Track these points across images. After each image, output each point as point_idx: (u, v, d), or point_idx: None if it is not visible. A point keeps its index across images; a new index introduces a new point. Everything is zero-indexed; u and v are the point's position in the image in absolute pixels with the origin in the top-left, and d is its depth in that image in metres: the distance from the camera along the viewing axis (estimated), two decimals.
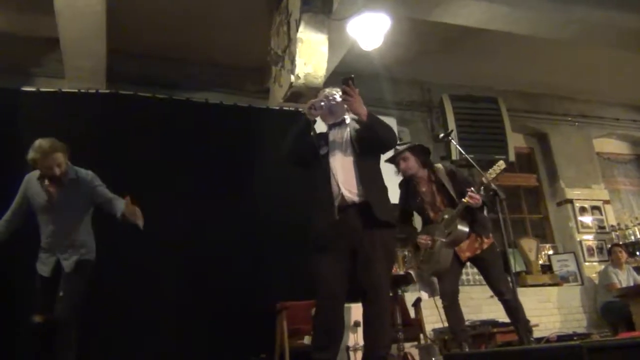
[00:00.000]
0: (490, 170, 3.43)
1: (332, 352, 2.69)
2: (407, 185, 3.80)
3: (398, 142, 3.78)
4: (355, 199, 2.77)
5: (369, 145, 2.87)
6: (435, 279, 3.73)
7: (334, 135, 2.96)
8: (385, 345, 2.78)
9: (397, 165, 3.77)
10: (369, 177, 2.84)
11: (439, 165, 3.83)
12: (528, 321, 3.55)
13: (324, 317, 2.71)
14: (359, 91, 2.80)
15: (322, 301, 2.73)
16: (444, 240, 3.55)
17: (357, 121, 2.90)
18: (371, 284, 2.73)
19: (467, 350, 3.44)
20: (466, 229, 3.48)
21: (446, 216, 3.58)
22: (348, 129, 2.94)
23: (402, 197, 3.85)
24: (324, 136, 2.97)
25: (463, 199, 3.42)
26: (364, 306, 2.80)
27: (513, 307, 3.39)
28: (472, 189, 3.43)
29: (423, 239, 3.65)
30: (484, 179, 3.43)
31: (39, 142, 3.15)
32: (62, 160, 3.19)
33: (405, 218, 3.85)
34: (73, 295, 3.13)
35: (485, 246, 3.58)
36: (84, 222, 3.32)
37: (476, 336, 4.63)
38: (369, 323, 2.76)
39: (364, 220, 2.76)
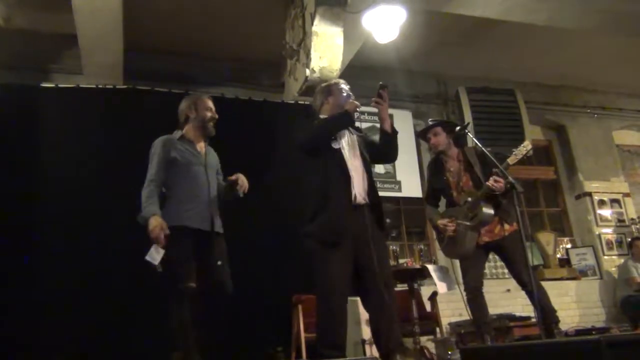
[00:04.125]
0: (516, 151, 3.35)
1: (344, 348, 2.74)
2: (436, 163, 3.78)
3: (430, 120, 3.94)
4: (365, 201, 2.89)
5: (373, 154, 3.07)
6: (452, 274, 3.70)
7: (340, 133, 3.03)
8: (400, 334, 2.84)
9: (427, 140, 3.77)
10: (373, 183, 3.00)
11: (471, 146, 3.77)
12: (554, 310, 3.46)
13: (337, 315, 2.73)
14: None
15: (334, 299, 2.74)
16: (468, 223, 3.49)
17: (380, 129, 3.07)
18: (385, 277, 2.83)
19: (489, 343, 3.41)
20: (492, 212, 3.40)
21: (469, 199, 3.51)
22: (348, 133, 3.05)
23: (430, 175, 3.84)
24: None
25: (487, 182, 3.35)
26: (374, 300, 2.81)
27: (537, 298, 3.36)
28: (495, 170, 3.34)
29: (445, 223, 3.60)
30: (509, 160, 3.35)
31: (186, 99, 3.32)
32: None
33: (433, 198, 3.81)
34: (227, 266, 3.05)
35: (506, 233, 3.47)
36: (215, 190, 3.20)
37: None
38: (384, 315, 2.78)
39: (372, 221, 2.88)
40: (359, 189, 2.87)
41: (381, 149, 3.09)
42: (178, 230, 2.94)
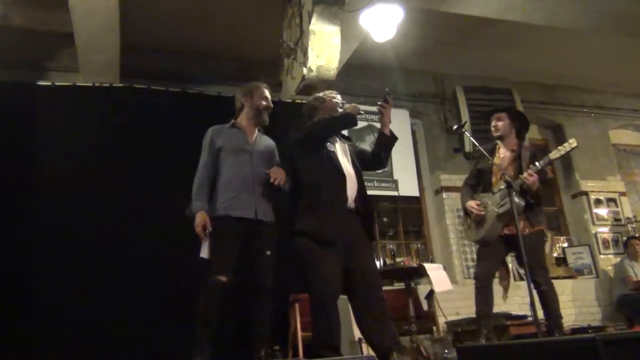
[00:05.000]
0: (560, 147, 3.42)
1: (339, 347, 2.76)
2: (489, 148, 3.83)
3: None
4: (358, 205, 2.96)
5: (363, 162, 3.13)
6: (450, 273, 3.71)
7: (332, 139, 3.10)
8: (395, 332, 2.86)
9: (489, 121, 3.83)
10: (365, 190, 3.06)
11: (528, 144, 3.84)
12: (560, 317, 3.49)
13: (332, 314, 2.74)
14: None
15: (330, 299, 2.76)
16: (496, 210, 3.52)
17: (380, 132, 3.13)
18: (376, 276, 2.94)
19: (485, 335, 3.42)
20: (522, 203, 3.40)
21: (503, 187, 3.52)
22: (340, 140, 3.12)
23: (479, 157, 3.91)
24: None
25: (520, 175, 3.38)
26: (365, 299, 2.84)
27: (547, 299, 3.37)
28: (536, 162, 3.39)
29: (474, 206, 3.63)
30: (550, 154, 3.41)
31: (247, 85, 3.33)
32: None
33: (472, 180, 3.84)
34: (272, 262, 3.04)
35: (527, 231, 3.49)
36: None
37: None
38: (375, 315, 2.81)
39: (361, 225, 2.97)
40: (350, 193, 2.92)
41: (374, 154, 3.15)
42: (221, 221, 2.97)
